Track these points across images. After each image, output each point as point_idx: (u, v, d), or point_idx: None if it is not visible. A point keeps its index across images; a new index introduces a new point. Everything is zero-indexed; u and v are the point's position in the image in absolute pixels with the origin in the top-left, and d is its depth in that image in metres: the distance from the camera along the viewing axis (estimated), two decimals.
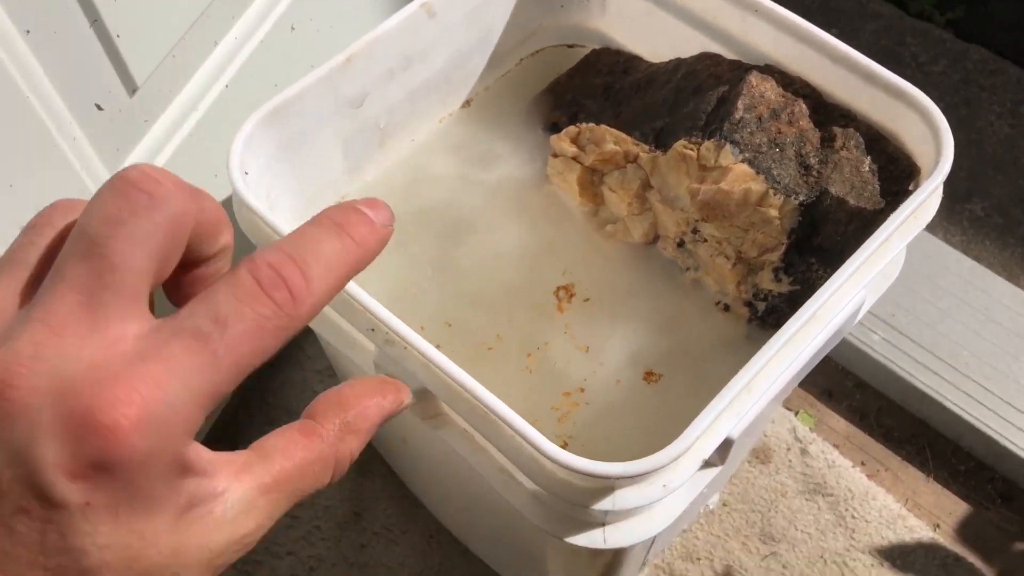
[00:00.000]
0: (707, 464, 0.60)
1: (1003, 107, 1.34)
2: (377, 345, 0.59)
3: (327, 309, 0.62)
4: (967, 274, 1.11)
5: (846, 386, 1.09)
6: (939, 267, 1.11)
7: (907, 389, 1.05)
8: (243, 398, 1.05)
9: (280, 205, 0.70)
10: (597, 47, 0.82)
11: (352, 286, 0.57)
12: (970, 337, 1.06)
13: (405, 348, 0.57)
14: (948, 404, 1.02)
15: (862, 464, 1.03)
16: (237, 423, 1.05)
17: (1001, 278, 1.12)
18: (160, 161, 0.76)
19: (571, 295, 0.71)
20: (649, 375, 0.68)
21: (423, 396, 0.60)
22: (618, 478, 0.51)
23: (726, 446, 0.57)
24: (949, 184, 0.58)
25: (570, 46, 0.83)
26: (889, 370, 1.05)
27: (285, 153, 0.67)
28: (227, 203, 0.80)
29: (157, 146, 0.75)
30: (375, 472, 1.02)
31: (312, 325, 0.65)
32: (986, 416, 1.01)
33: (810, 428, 1.05)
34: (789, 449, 1.03)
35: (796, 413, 1.06)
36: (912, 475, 1.02)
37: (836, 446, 1.04)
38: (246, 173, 0.63)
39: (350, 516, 1.00)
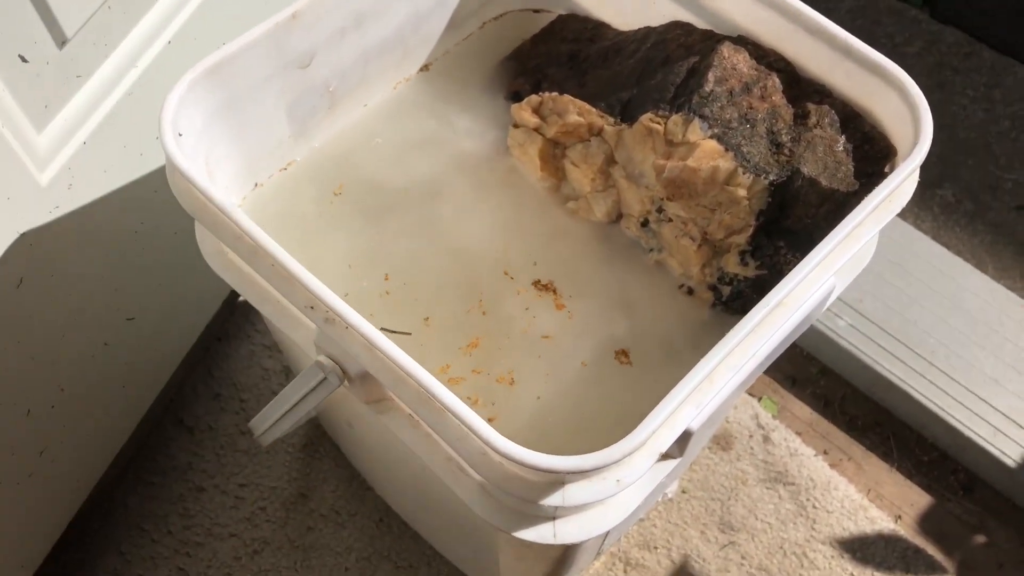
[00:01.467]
0: (665, 456, 0.57)
1: (976, 91, 1.32)
2: (317, 324, 0.55)
3: (267, 285, 0.58)
4: (936, 261, 1.09)
5: (810, 372, 1.06)
6: (908, 253, 1.09)
7: (872, 377, 1.03)
8: (188, 372, 1.01)
9: (221, 170, 0.65)
10: (563, 13, 0.78)
11: (291, 260, 0.53)
12: (937, 325, 1.04)
13: (346, 328, 0.53)
14: (913, 393, 1.00)
15: (824, 453, 1.01)
16: (182, 397, 1.00)
17: (970, 265, 1.10)
18: (95, 120, 0.71)
19: (534, 280, 0.68)
20: (609, 358, 0.65)
21: (365, 379, 0.56)
22: (568, 472, 0.48)
23: (685, 438, 0.54)
24: (921, 168, 0.56)
25: (535, 11, 0.79)
26: (854, 357, 1.03)
27: (225, 115, 0.63)
28: (163, 172, 0.75)
29: (91, 104, 0.71)
30: (324, 452, 0.98)
31: (253, 302, 0.61)
32: (951, 406, 0.99)
33: (773, 415, 1.02)
34: (751, 436, 1.00)
35: (759, 399, 1.03)
36: (875, 465, 1.01)
37: (799, 434, 1.01)
38: (180, 135, 0.58)
39: (296, 497, 0.96)
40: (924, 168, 1.28)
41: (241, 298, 1.04)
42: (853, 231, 0.56)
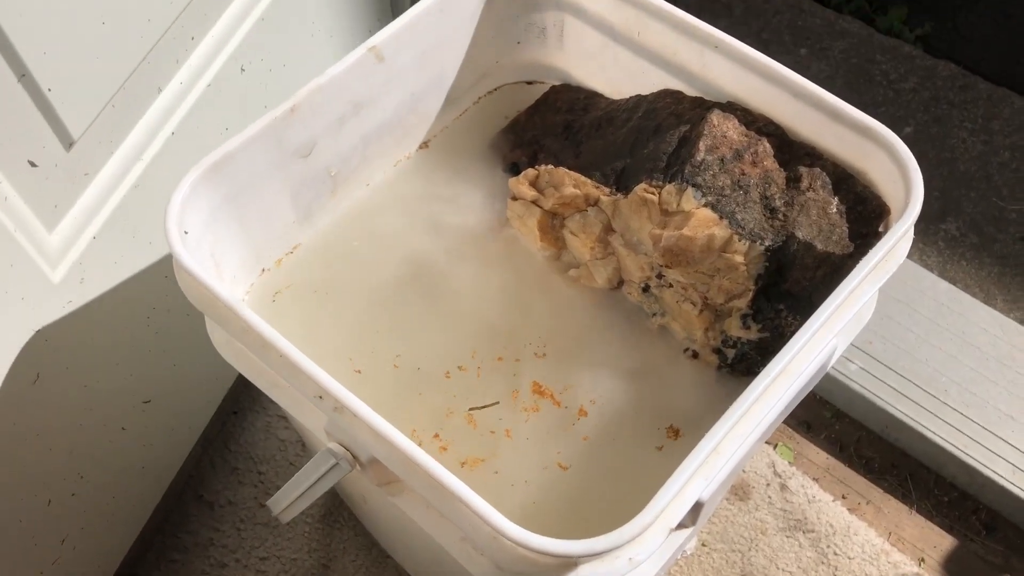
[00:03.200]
0: (678, 527, 0.57)
1: (974, 123, 1.33)
2: (326, 413, 0.56)
3: (275, 375, 0.59)
4: (943, 297, 1.09)
5: (824, 417, 1.06)
6: (914, 291, 1.09)
7: (886, 419, 1.03)
8: (205, 447, 1.02)
9: (227, 260, 0.66)
10: (556, 83, 0.80)
11: (298, 354, 0.54)
12: (948, 363, 1.04)
13: (354, 417, 0.54)
14: (928, 433, 1.00)
15: (843, 497, 1.00)
16: (200, 472, 1.01)
17: (978, 300, 1.10)
18: (104, 215, 0.73)
19: (538, 349, 0.69)
20: (617, 426, 0.65)
21: (375, 465, 0.57)
22: (580, 556, 0.48)
23: (696, 508, 0.54)
24: (923, 205, 0.57)
25: (528, 83, 0.81)
26: (867, 399, 1.03)
27: (229, 207, 0.64)
28: (169, 260, 0.77)
29: (99, 200, 0.72)
30: (343, 521, 0.99)
31: (264, 389, 0.62)
32: (967, 445, 0.99)
33: (789, 462, 1.02)
34: (768, 484, 1.00)
35: (775, 447, 1.03)
36: (895, 507, 1.00)
37: (816, 479, 1.01)
38: (186, 232, 0.60)
39: (318, 568, 0.96)
40: (926, 204, 1.29)
41: None
42: (851, 294, 0.56)
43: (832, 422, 1.06)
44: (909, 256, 1.19)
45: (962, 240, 1.22)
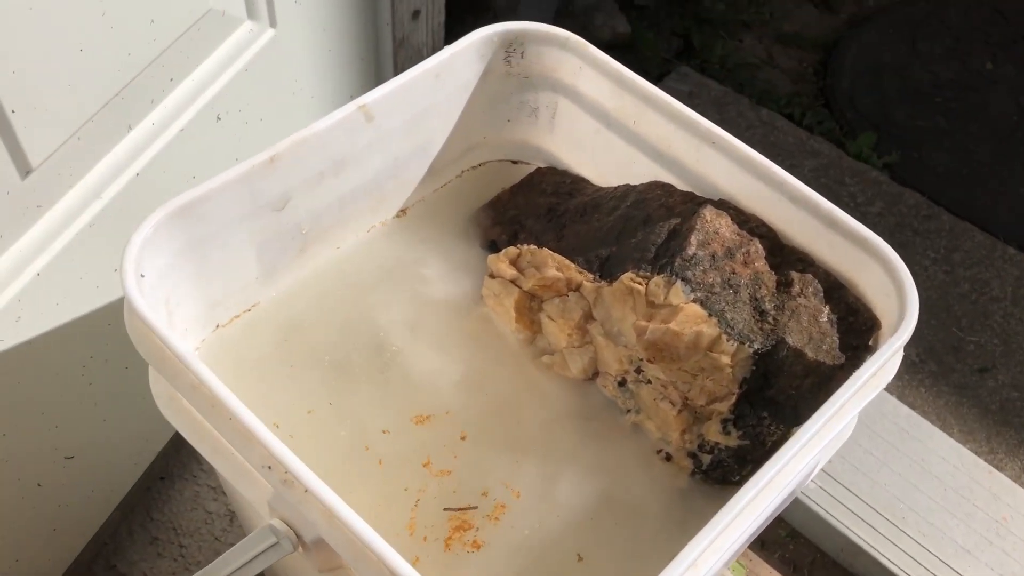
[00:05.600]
0: None
1: (937, 253, 1.35)
2: (273, 485, 0.51)
3: (222, 439, 0.55)
4: (903, 422, 1.08)
5: (779, 535, 1.03)
6: (876, 414, 1.08)
7: (841, 542, 1.00)
8: (125, 513, 0.94)
9: (181, 310, 0.62)
10: (542, 165, 0.78)
11: (250, 416, 0.50)
12: (907, 489, 1.02)
13: (305, 492, 0.50)
14: (884, 560, 0.97)
15: None
16: (117, 541, 0.94)
17: (936, 428, 1.09)
18: (52, 251, 0.68)
19: (506, 439, 0.65)
20: (580, 527, 0.61)
21: (321, 547, 0.52)
22: None
23: None
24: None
25: (514, 162, 0.79)
26: (823, 520, 1.00)
27: (190, 256, 0.60)
28: (119, 304, 0.72)
29: (49, 236, 0.68)
30: None
31: (204, 455, 0.57)
32: None
33: None
34: None
35: None
36: None
37: None
38: (142, 276, 0.55)
39: None
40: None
41: None
42: (840, 409, 0.54)
43: (787, 541, 1.03)
44: None
45: (921, 367, 1.22)
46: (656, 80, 1.47)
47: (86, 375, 0.77)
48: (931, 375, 1.21)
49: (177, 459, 0.98)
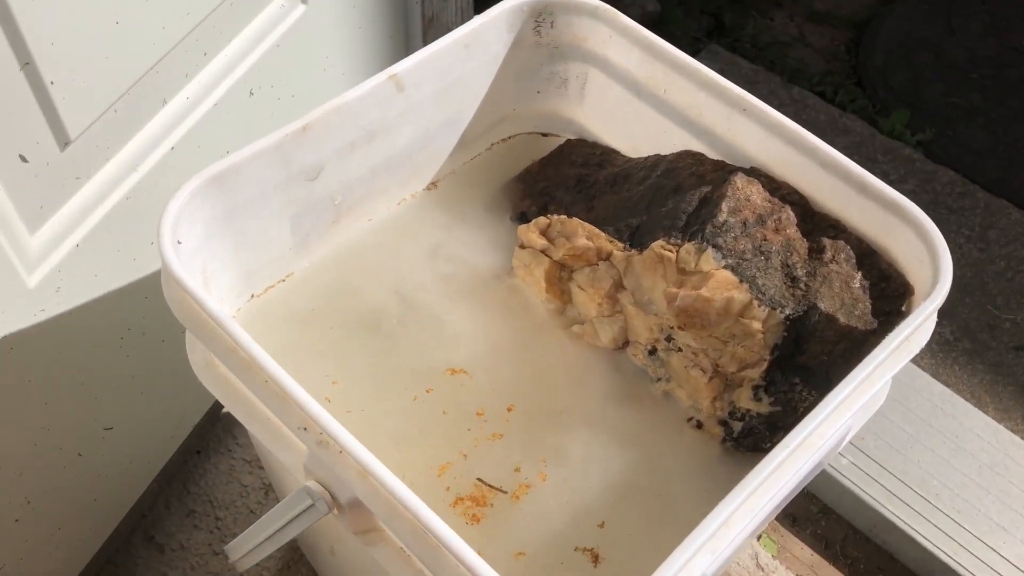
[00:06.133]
0: None
1: (972, 231, 1.33)
2: (308, 447, 0.52)
3: (257, 401, 0.55)
4: (937, 399, 1.07)
5: (811, 511, 1.03)
6: (909, 390, 1.07)
7: (874, 518, 0.99)
8: (163, 486, 0.96)
9: (217, 280, 0.63)
10: (572, 137, 0.78)
11: (287, 378, 0.51)
12: (940, 465, 1.01)
13: (340, 453, 0.50)
14: (917, 537, 0.97)
15: None
16: (155, 512, 0.95)
17: (971, 405, 1.08)
18: (90, 223, 0.69)
19: (535, 407, 0.65)
20: (611, 494, 0.61)
21: (356, 508, 0.52)
22: None
23: None
24: None
25: (544, 135, 0.79)
26: (856, 496, 0.99)
27: (227, 223, 0.61)
28: (156, 277, 0.73)
29: (88, 207, 0.69)
30: None
31: (241, 419, 0.58)
32: (957, 552, 0.95)
33: (772, 555, 0.98)
34: None
35: (759, 538, 0.99)
36: None
37: None
38: (179, 243, 0.56)
39: None
40: None
41: (225, 410, 1.00)
42: (874, 371, 0.54)
43: (819, 517, 1.02)
44: None
45: (956, 345, 1.21)
46: None
47: (124, 347, 0.78)
48: (966, 353, 1.20)
49: (213, 433, 1.00)
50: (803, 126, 0.63)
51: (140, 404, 0.84)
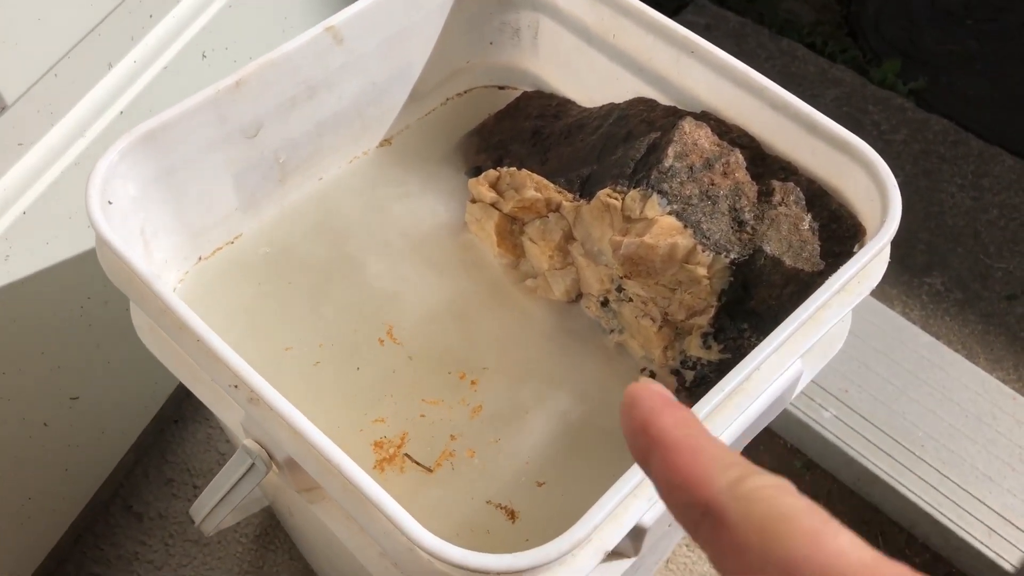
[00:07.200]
0: (616, 554, 0.52)
1: (964, 179, 1.30)
2: (241, 405, 0.51)
3: (196, 365, 0.55)
4: (924, 350, 1.05)
5: (794, 466, 1.01)
6: (895, 342, 1.05)
7: (858, 471, 0.98)
8: (140, 455, 0.96)
9: (159, 243, 0.62)
10: (529, 89, 0.76)
11: (213, 337, 0.50)
12: (926, 417, 1.00)
13: (269, 410, 0.50)
14: (902, 489, 0.95)
15: None
16: (132, 482, 0.95)
17: (960, 355, 1.06)
18: (37, 190, 0.68)
19: (486, 361, 0.64)
20: (562, 448, 0.60)
21: (292, 466, 0.52)
22: (501, 573, 0.43)
23: (638, 535, 0.50)
24: (908, 257, 0.53)
25: (500, 87, 0.77)
26: (839, 450, 0.98)
27: (164, 183, 0.60)
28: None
29: (33, 174, 0.68)
30: (278, 544, 0.93)
31: (184, 381, 0.57)
32: (942, 503, 0.94)
33: None
34: None
35: None
36: None
37: None
38: (110, 203, 0.55)
39: None
40: (911, 256, 1.25)
41: None
42: (818, 312, 0.52)
43: (802, 472, 1.01)
44: (891, 307, 1.15)
45: (946, 296, 1.19)
46: (673, 14, 1.43)
47: (84, 316, 0.78)
48: (957, 304, 1.18)
49: (190, 403, 1.00)
50: (792, 79, 0.62)
51: (107, 373, 0.84)
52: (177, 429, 0.98)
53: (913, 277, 1.19)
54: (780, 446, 1.02)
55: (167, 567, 0.91)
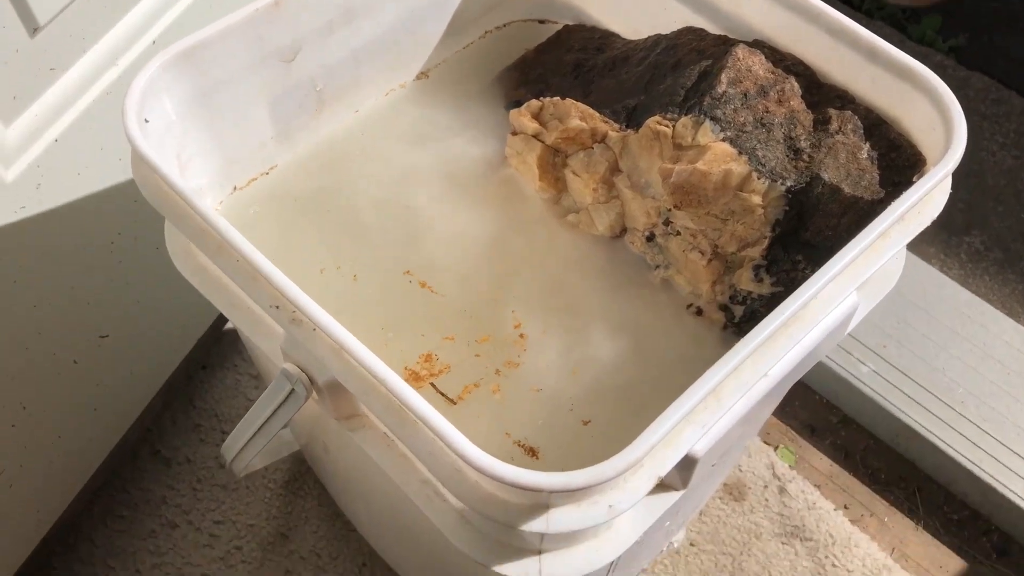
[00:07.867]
0: (664, 486, 0.51)
1: (1006, 137, 1.27)
2: (283, 326, 0.50)
3: (233, 286, 0.53)
4: (964, 307, 1.03)
5: (830, 421, 1.00)
6: (935, 298, 1.03)
7: (897, 427, 0.96)
8: (168, 400, 0.95)
9: (195, 168, 0.61)
10: (570, 23, 0.74)
11: (256, 255, 0.48)
12: (967, 373, 0.98)
13: (313, 330, 0.48)
14: (941, 445, 0.93)
15: (845, 507, 0.94)
16: (160, 426, 0.95)
17: (1001, 312, 1.04)
18: (69, 117, 0.67)
19: (528, 297, 0.62)
20: (608, 385, 0.59)
21: (334, 389, 0.50)
22: (552, 492, 0.42)
23: (688, 465, 0.48)
24: (947, 216, 0.51)
25: (541, 21, 0.75)
26: (878, 405, 0.96)
27: (200, 105, 0.58)
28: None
29: (65, 101, 0.67)
30: (307, 490, 0.92)
31: (219, 306, 0.56)
32: (982, 460, 0.92)
33: (790, 465, 0.95)
34: (766, 487, 0.93)
35: (775, 448, 0.97)
36: (900, 522, 0.93)
37: (818, 486, 0.94)
38: (147, 121, 0.54)
39: (276, 537, 0.90)
40: (951, 215, 1.22)
41: (228, 325, 0.99)
42: (877, 240, 0.50)
43: (838, 427, 0.99)
44: (930, 263, 1.13)
45: (986, 255, 1.16)
46: None
47: (114, 252, 0.77)
48: (996, 263, 1.15)
49: (218, 349, 0.99)
50: None
51: (136, 313, 0.83)
52: (205, 375, 0.98)
53: (952, 236, 1.17)
54: (816, 401, 1.00)
55: (194, 511, 0.90)
